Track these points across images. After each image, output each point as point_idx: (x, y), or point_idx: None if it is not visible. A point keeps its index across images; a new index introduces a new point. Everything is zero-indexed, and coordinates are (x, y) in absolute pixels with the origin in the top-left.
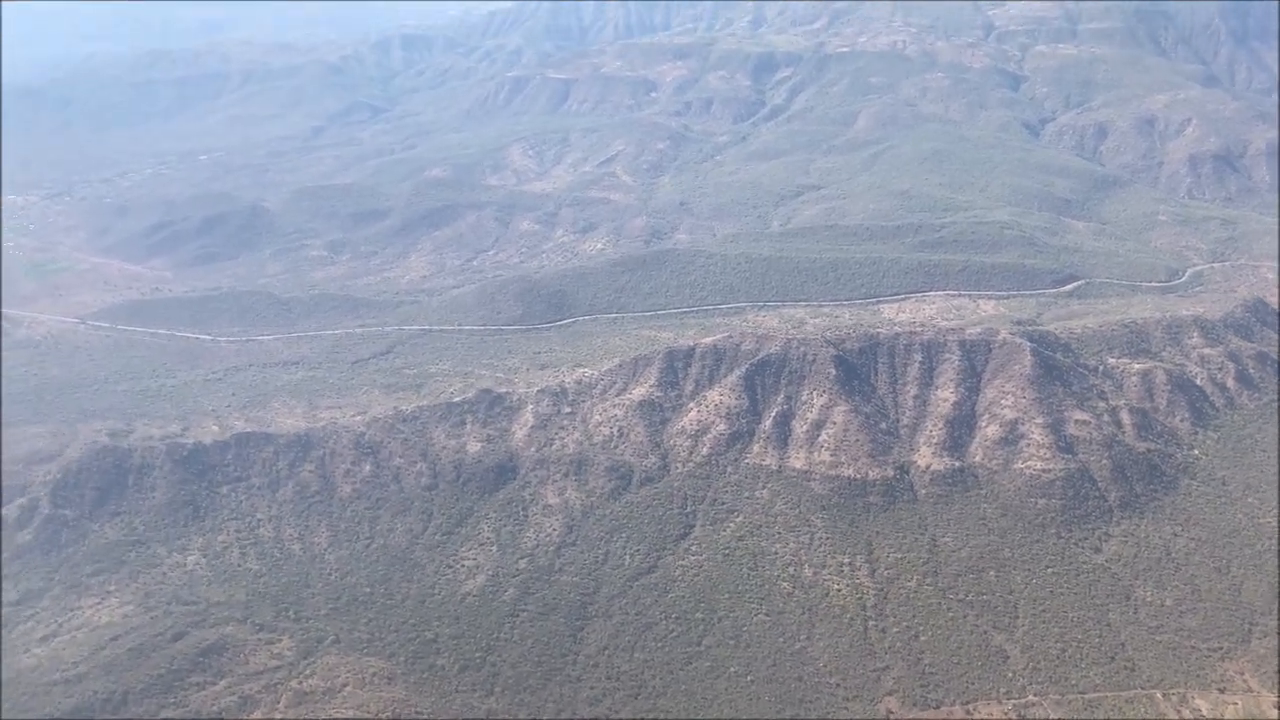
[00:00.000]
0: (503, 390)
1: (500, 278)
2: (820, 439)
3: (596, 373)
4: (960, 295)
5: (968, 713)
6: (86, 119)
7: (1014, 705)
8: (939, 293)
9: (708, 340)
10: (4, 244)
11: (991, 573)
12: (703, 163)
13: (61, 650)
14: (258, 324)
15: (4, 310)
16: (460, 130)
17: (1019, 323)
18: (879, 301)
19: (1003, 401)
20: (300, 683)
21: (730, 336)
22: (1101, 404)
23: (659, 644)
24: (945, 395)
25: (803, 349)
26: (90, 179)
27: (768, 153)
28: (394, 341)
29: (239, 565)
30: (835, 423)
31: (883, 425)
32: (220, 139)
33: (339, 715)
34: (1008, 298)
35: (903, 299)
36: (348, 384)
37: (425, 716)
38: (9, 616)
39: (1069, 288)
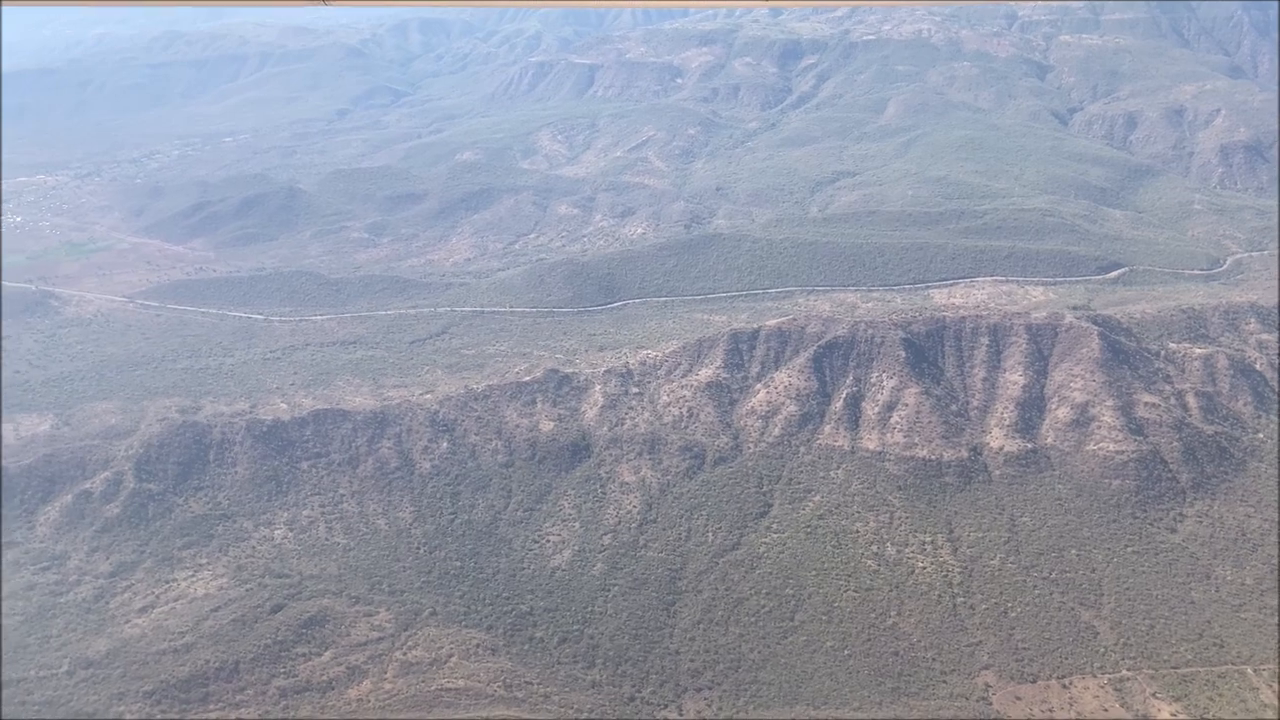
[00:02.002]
0: (569, 371)
1: (546, 261)
2: (892, 420)
3: (660, 354)
4: (1008, 281)
5: (1064, 686)
6: (105, 100)
7: (1109, 680)
8: (987, 278)
9: (772, 323)
10: (40, 223)
11: (1073, 551)
12: (734, 149)
13: (164, 620)
14: (308, 304)
15: (51, 289)
16: (486, 115)
17: (1074, 308)
18: (928, 287)
19: (1072, 384)
20: (405, 654)
21: (795, 319)
22: (1167, 387)
23: (753, 619)
24: (1014, 378)
25: (870, 331)
26: (117, 160)
27: (799, 139)
28: (448, 323)
29: (326, 539)
30: (907, 404)
31: (953, 407)
32: (242, 121)
33: (451, 685)
34: (1055, 284)
35: (952, 284)
36: (408, 363)
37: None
38: (105, 588)
39: (1114, 274)
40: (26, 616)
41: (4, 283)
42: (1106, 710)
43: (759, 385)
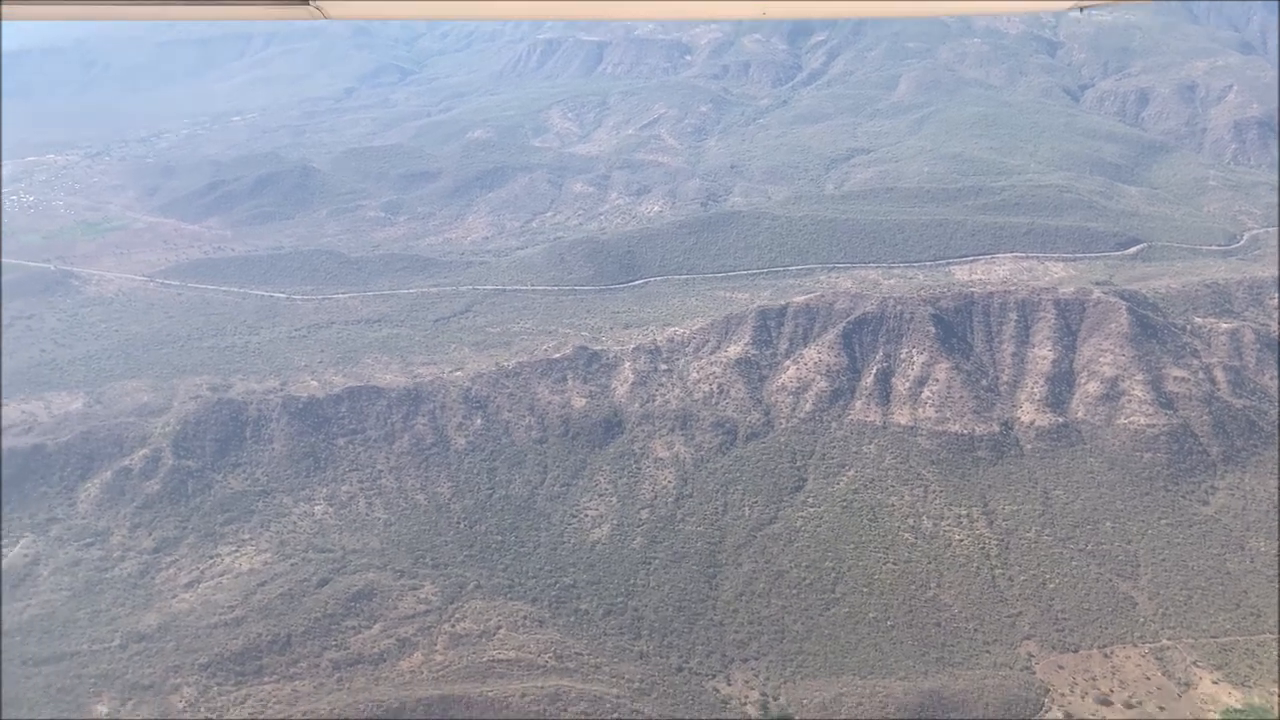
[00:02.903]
0: (597, 348)
1: (565, 239)
2: (923, 395)
3: (688, 331)
4: (1028, 257)
5: (1106, 656)
6: (112, 79)
7: (1150, 649)
8: (1007, 255)
9: (799, 299)
10: (54, 203)
11: (1107, 524)
12: (746, 126)
13: (212, 595)
14: (330, 283)
15: (70, 268)
16: (494, 93)
17: (1098, 283)
18: (949, 263)
19: (1101, 359)
20: (453, 626)
21: (822, 296)
22: (1195, 361)
23: (794, 591)
24: (1043, 353)
25: (899, 307)
26: (126, 139)
27: (811, 116)
28: (470, 301)
29: (367, 515)
30: (938, 380)
31: (983, 382)
32: (250, 100)
33: (502, 657)
34: (1075, 260)
35: (972, 261)
36: (435, 341)
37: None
38: (149, 563)
39: (1132, 250)
40: (74, 591)
41: (23, 262)
42: (1149, 679)
43: (788, 361)
